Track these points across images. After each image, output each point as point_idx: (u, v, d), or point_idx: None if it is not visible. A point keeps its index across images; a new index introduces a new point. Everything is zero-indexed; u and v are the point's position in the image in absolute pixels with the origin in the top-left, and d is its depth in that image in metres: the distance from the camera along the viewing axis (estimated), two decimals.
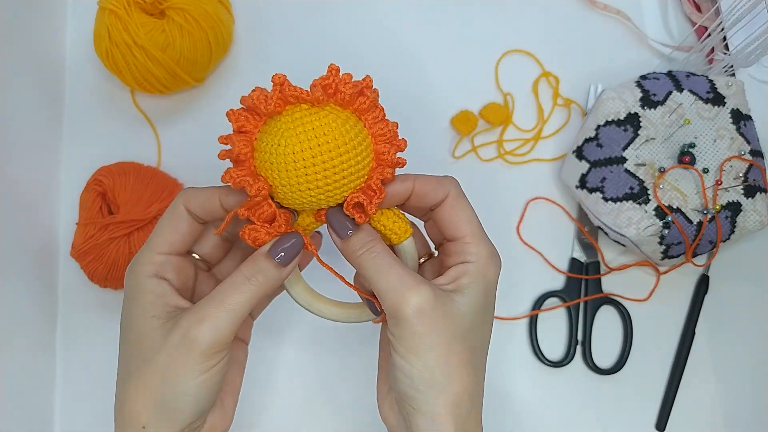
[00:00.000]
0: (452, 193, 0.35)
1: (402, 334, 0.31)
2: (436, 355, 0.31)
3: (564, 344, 0.53)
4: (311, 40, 0.58)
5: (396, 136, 0.33)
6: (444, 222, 0.35)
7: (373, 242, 0.33)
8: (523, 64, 0.58)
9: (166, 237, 0.34)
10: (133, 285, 0.33)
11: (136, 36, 0.48)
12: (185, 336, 0.31)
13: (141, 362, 0.32)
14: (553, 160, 0.56)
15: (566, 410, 0.52)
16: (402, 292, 0.31)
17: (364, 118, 0.33)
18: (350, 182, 0.32)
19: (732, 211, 0.48)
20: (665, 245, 0.49)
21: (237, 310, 0.31)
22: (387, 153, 0.33)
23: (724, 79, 0.51)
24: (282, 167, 0.31)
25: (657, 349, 0.53)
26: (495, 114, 0.55)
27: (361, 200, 0.32)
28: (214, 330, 0.31)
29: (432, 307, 0.31)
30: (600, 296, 0.53)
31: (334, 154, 0.31)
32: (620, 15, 0.59)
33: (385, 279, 0.32)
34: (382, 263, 0.32)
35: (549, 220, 0.55)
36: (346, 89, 0.31)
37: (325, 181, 0.31)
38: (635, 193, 0.48)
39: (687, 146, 0.49)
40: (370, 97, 0.32)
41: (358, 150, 0.32)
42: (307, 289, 0.37)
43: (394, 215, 0.35)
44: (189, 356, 0.31)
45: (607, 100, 0.50)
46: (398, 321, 0.31)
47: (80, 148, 0.55)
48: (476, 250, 0.34)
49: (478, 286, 0.33)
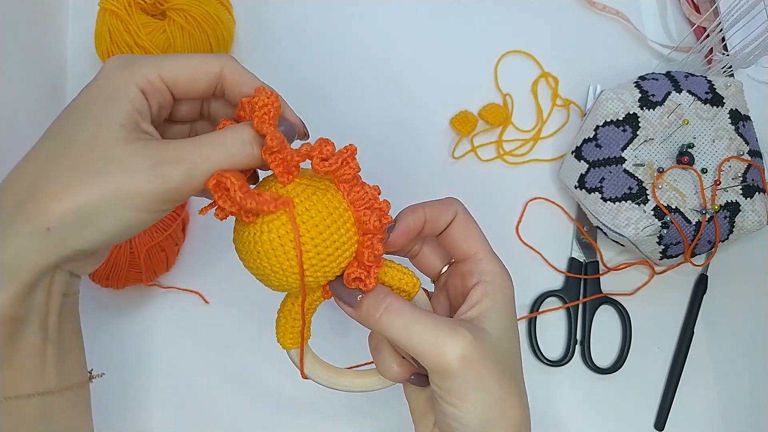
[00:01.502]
0: (460, 211, 0.34)
1: (450, 386, 0.29)
2: (488, 396, 0.29)
3: (563, 344, 0.53)
4: (311, 41, 0.58)
5: (376, 200, 0.31)
6: (455, 241, 0.34)
7: (387, 299, 0.31)
8: (522, 65, 0.58)
9: (183, 73, 0.30)
10: (116, 82, 0.29)
11: (136, 37, 0.48)
12: (154, 168, 0.27)
13: (84, 164, 0.27)
14: (552, 160, 0.56)
15: (565, 410, 0.52)
16: (440, 345, 0.29)
17: (340, 186, 0.31)
18: (344, 252, 0.30)
19: (730, 211, 0.48)
20: (664, 245, 0.49)
21: (213, 169, 0.28)
22: (368, 221, 0.31)
23: (723, 79, 0.52)
24: (270, 254, 0.29)
25: (656, 348, 0.53)
26: (494, 114, 0.56)
27: (358, 274, 0.31)
28: (187, 179, 0.27)
29: (475, 350, 0.29)
30: (598, 296, 0.53)
31: (322, 227, 0.29)
32: (619, 15, 0.59)
33: (417, 336, 0.30)
34: (407, 320, 0.30)
35: (548, 220, 0.55)
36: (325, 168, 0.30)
37: (319, 257, 0.30)
38: (634, 193, 0.48)
39: (686, 146, 0.49)
40: (354, 168, 0.31)
41: (345, 217, 0.30)
42: (323, 364, 0.35)
43: (398, 272, 0.33)
44: (146, 190, 0.27)
45: (606, 100, 0.50)
46: (444, 374, 0.29)
47: None
48: (490, 267, 0.33)
49: (501, 306, 0.32)
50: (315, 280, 0.31)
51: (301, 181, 0.30)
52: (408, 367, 0.34)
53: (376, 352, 0.35)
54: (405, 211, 0.33)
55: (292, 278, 0.30)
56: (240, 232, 0.30)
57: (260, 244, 0.29)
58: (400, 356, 0.35)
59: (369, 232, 0.31)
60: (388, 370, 0.35)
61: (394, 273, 0.33)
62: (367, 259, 0.31)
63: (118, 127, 0.28)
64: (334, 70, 0.57)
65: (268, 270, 0.30)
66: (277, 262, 0.29)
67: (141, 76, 0.29)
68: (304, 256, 0.29)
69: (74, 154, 0.28)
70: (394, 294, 0.32)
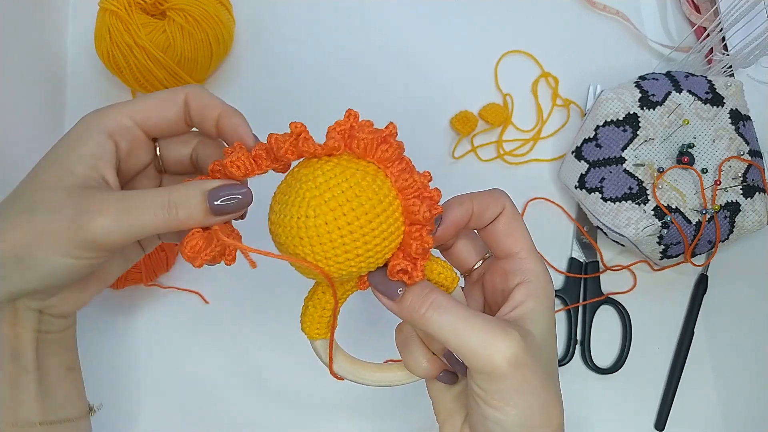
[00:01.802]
0: (508, 206, 0.33)
1: (497, 389, 0.28)
2: (534, 400, 0.29)
3: (563, 344, 0.53)
4: (311, 41, 0.58)
5: (426, 188, 0.30)
6: (500, 237, 0.33)
7: (432, 294, 0.30)
8: (522, 65, 0.58)
9: (150, 107, 0.31)
10: (82, 129, 0.31)
11: (136, 36, 0.48)
12: (76, 217, 0.28)
13: (27, 206, 0.29)
14: (553, 160, 0.56)
15: (565, 410, 0.52)
16: (490, 346, 0.28)
17: (388, 172, 0.29)
18: (390, 242, 0.29)
19: (731, 211, 0.48)
20: (664, 245, 0.49)
21: (140, 231, 0.29)
22: (418, 211, 0.29)
23: (723, 79, 0.52)
24: (315, 241, 0.27)
25: (656, 348, 0.53)
26: (494, 114, 0.55)
27: (405, 266, 0.29)
28: (105, 232, 0.28)
29: (524, 353, 0.28)
30: (599, 298, 0.53)
31: (371, 215, 0.28)
32: (619, 15, 0.59)
33: (466, 336, 0.28)
34: (455, 318, 0.29)
35: (548, 220, 0.55)
36: (364, 135, 0.29)
37: (366, 247, 0.28)
38: (634, 193, 0.48)
39: (686, 146, 0.49)
40: (394, 145, 0.29)
41: (394, 206, 0.29)
42: (350, 359, 0.34)
43: (439, 266, 0.32)
44: (66, 236, 0.28)
45: (606, 100, 0.50)
46: (491, 376, 0.28)
47: None
48: (533, 267, 0.32)
49: (544, 308, 0.31)
50: (358, 270, 0.29)
51: (349, 164, 0.29)
52: (438, 364, 0.33)
53: (405, 346, 0.34)
54: (452, 203, 0.32)
55: (333, 268, 0.28)
56: (281, 214, 0.29)
57: (305, 230, 0.27)
58: (430, 352, 0.34)
59: (417, 223, 0.29)
60: (418, 366, 0.33)
61: (434, 266, 0.32)
62: (414, 251, 0.29)
63: (68, 173, 0.29)
64: (334, 70, 0.57)
65: (311, 258, 0.28)
66: (321, 249, 0.28)
67: (109, 119, 0.31)
68: (351, 245, 0.28)
69: (25, 196, 0.29)
70: (438, 289, 0.30)
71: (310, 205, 0.27)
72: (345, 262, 0.28)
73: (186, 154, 0.34)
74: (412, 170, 0.30)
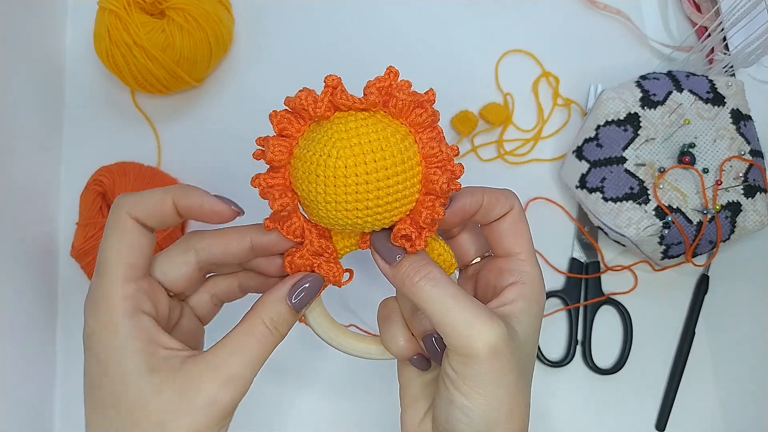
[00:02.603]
0: (516, 207, 0.33)
1: (470, 373, 0.28)
2: (504, 394, 0.28)
3: (564, 344, 0.53)
4: (311, 40, 0.58)
5: (450, 161, 0.29)
6: (503, 235, 0.33)
7: (429, 266, 0.30)
8: (523, 64, 0.58)
9: (124, 259, 0.29)
10: (105, 332, 0.28)
11: (136, 36, 0.48)
12: (215, 399, 0.28)
13: (131, 426, 0.27)
14: (553, 160, 0.56)
15: (566, 410, 0.52)
16: (474, 327, 0.28)
17: (418, 137, 0.29)
18: (402, 205, 0.29)
19: (732, 211, 0.48)
20: (665, 245, 0.49)
21: (260, 363, 0.29)
22: (437, 181, 0.29)
23: (724, 79, 0.51)
24: (330, 181, 0.27)
25: (657, 348, 0.53)
26: (495, 114, 0.55)
27: (409, 233, 0.29)
28: (243, 388, 0.28)
29: (506, 345, 0.28)
30: (600, 299, 0.53)
31: (391, 172, 0.28)
32: (620, 15, 0.59)
33: (453, 312, 0.28)
34: (446, 293, 0.29)
35: (549, 220, 0.55)
36: (402, 95, 0.29)
37: (377, 201, 0.28)
38: (635, 193, 0.48)
39: (687, 146, 0.49)
40: (429, 111, 0.29)
41: (415, 171, 0.29)
42: (327, 316, 0.34)
43: (441, 248, 0.32)
44: (215, 418, 0.28)
45: (607, 100, 0.50)
46: (467, 359, 0.28)
47: (80, 148, 0.55)
48: (530, 270, 0.32)
49: (533, 311, 0.31)
50: (363, 223, 0.29)
51: (383, 119, 0.29)
52: (414, 346, 0.33)
53: (386, 321, 0.34)
54: (464, 191, 0.32)
55: (341, 214, 0.28)
56: (304, 149, 0.28)
57: (323, 168, 0.27)
58: (410, 332, 0.33)
59: (433, 193, 0.29)
60: (393, 343, 0.33)
61: (436, 246, 0.32)
62: (423, 219, 0.29)
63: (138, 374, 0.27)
64: (334, 70, 0.56)
65: (321, 197, 0.28)
66: (333, 192, 0.28)
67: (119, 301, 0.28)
68: (363, 194, 0.28)
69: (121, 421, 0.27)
70: (437, 265, 0.30)
71: (336, 145, 0.27)
72: (353, 211, 0.28)
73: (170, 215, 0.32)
74: (442, 140, 0.30)
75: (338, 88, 0.28)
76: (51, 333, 0.52)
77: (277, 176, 0.29)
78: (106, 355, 0.28)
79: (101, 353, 0.28)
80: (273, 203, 0.28)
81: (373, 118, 0.29)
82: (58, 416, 0.51)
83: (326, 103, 0.28)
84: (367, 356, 0.34)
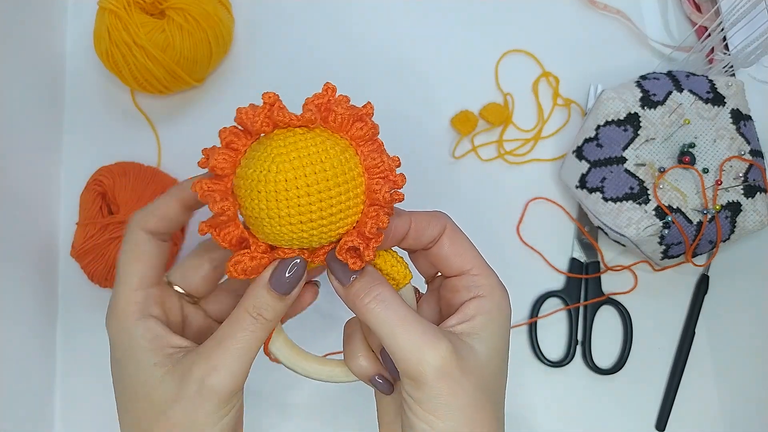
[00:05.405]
0: (449, 225, 0.33)
1: (421, 398, 0.28)
2: (461, 416, 0.28)
3: (564, 344, 0.53)
4: (311, 40, 0.58)
5: (392, 172, 0.30)
6: (446, 257, 0.32)
7: (380, 287, 0.30)
8: (523, 64, 0.58)
9: (135, 269, 0.32)
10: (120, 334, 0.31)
11: (136, 36, 0.48)
12: (202, 386, 0.29)
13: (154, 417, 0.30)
14: (553, 160, 0.56)
15: (566, 410, 0.52)
16: (421, 352, 0.28)
17: (359, 150, 0.30)
18: (347, 216, 0.29)
19: (732, 211, 0.48)
20: (665, 245, 0.49)
21: (248, 351, 0.30)
22: (379, 190, 0.29)
23: (724, 79, 0.51)
24: (272, 196, 0.27)
25: (657, 348, 0.53)
26: (495, 114, 0.55)
27: (356, 244, 0.29)
28: (230, 376, 0.29)
29: (454, 365, 0.28)
30: (600, 299, 0.53)
31: (332, 183, 0.28)
32: (620, 15, 0.59)
33: (400, 336, 0.28)
34: (394, 316, 0.29)
35: (549, 220, 0.55)
36: (341, 110, 0.29)
37: (320, 213, 0.28)
38: (635, 193, 0.48)
39: (687, 146, 0.49)
40: (369, 124, 0.30)
41: (357, 181, 0.29)
42: (289, 343, 0.33)
43: (393, 258, 0.32)
44: (208, 406, 0.29)
45: (607, 100, 0.50)
46: (417, 383, 0.28)
47: (80, 148, 0.55)
48: (486, 282, 0.32)
49: (495, 324, 0.31)
50: (309, 237, 0.29)
51: (322, 133, 0.29)
52: (375, 365, 0.33)
53: (348, 340, 0.34)
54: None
55: (285, 228, 0.28)
56: (245, 167, 0.28)
57: (264, 183, 0.27)
58: (371, 351, 0.33)
59: (377, 203, 0.29)
60: (354, 362, 0.33)
61: (388, 258, 0.32)
62: (369, 230, 0.29)
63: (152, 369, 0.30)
64: (334, 70, 0.57)
65: (264, 213, 0.28)
66: (276, 206, 0.28)
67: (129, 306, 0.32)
68: (306, 207, 0.28)
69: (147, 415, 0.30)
70: (388, 285, 0.30)
71: (275, 160, 0.27)
72: (298, 225, 0.28)
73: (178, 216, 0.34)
74: (383, 152, 0.30)
75: (275, 105, 0.28)
76: (51, 333, 0.52)
77: (219, 183, 0.29)
78: (122, 354, 0.31)
79: (118, 352, 0.32)
80: (213, 206, 0.28)
81: (312, 133, 0.29)
82: (58, 416, 0.51)
83: (263, 118, 0.28)
84: (334, 379, 0.34)
